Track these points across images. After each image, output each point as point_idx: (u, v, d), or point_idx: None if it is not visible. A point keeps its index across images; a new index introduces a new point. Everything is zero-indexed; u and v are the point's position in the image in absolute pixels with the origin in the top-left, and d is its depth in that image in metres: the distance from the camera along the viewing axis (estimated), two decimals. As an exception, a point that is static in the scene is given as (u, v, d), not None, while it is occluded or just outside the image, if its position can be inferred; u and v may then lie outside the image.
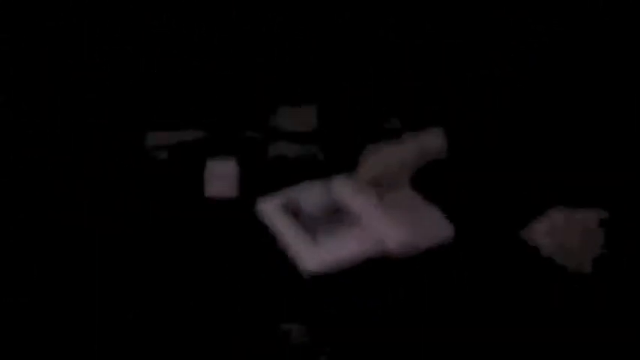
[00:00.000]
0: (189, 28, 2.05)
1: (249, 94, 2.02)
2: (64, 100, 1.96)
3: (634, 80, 2.00)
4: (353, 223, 1.74)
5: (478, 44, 2.10)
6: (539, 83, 2.02)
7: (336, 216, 1.75)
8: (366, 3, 2.16)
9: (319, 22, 2.06)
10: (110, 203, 1.76)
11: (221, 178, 1.82)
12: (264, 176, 1.86)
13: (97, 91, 1.98)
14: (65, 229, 1.69)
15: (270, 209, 1.77)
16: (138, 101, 1.99)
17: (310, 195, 1.79)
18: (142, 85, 2.01)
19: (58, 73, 2.01)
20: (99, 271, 1.62)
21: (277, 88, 2.03)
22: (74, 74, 2.01)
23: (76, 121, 1.92)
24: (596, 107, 1.96)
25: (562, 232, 1.68)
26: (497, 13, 2.14)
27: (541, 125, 1.93)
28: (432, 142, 1.81)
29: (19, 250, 1.65)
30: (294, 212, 1.76)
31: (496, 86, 2.01)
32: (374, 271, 1.65)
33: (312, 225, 1.73)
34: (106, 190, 1.79)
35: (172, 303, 1.58)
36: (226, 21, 2.04)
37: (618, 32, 2.08)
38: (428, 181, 1.80)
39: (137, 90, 2.00)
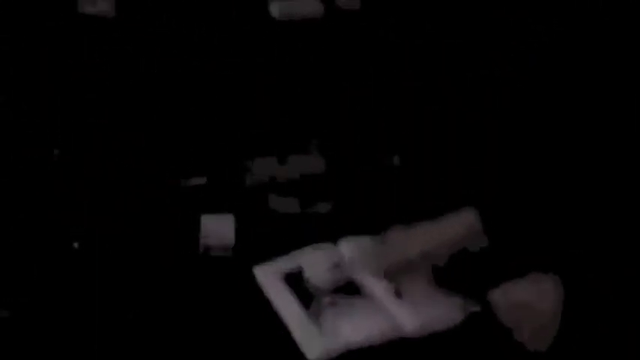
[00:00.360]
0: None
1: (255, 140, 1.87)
2: (64, 100, 1.96)
3: (634, 80, 2.00)
4: (364, 299, 1.49)
5: (478, 44, 2.10)
6: (539, 83, 2.02)
7: (344, 286, 1.50)
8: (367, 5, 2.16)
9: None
10: (110, 203, 1.76)
11: (216, 235, 1.60)
12: (263, 232, 1.62)
13: (97, 91, 1.98)
14: (65, 229, 1.69)
15: (269, 279, 1.51)
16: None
17: (315, 262, 1.53)
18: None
19: (58, 73, 2.01)
20: (99, 271, 1.62)
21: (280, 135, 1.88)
22: (74, 74, 2.01)
23: (76, 121, 1.92)
24: (596, 108, 1.96)
25: (518, 305, 1.49)
26: (497, 13, 2.14)
27: (540, 126, 1.93)
28: (463, 228, 1.55)
29: (19, 250, 1.65)
30: (296, 282, 1.51)
31: (496, 86, 2.01)
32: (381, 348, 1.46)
33: (316, 300, 1.48)
34: (106, 190, 1.78)
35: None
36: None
37: (618, 32, 2.08)
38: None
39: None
